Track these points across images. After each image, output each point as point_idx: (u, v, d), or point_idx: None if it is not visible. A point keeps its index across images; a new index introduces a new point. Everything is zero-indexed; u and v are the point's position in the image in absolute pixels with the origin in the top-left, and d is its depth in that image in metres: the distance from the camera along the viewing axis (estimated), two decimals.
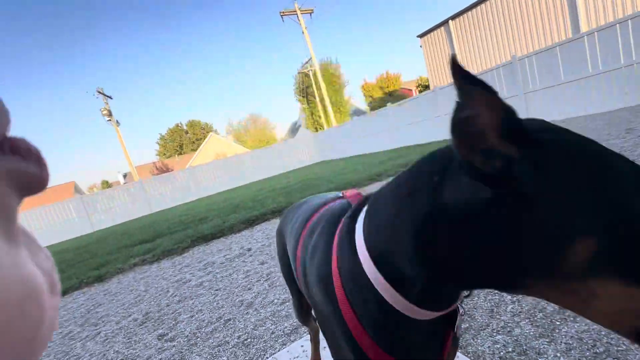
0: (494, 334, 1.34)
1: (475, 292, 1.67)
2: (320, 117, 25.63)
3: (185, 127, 46.99)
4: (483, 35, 14.95)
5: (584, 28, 11.42)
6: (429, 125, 10.67)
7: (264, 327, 1.92)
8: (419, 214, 0.41)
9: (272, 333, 1.83)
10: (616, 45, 6.20)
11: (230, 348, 1.81)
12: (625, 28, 6.03)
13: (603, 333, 1.18)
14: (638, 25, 5.87)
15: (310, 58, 21.08)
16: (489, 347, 1.28)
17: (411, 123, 11.37)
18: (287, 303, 2.13)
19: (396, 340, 0.49)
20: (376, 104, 29.01)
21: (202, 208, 9.04)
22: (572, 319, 1.30)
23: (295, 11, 19.64)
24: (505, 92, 8.25)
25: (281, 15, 19.75)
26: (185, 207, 11.75)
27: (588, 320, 0.48)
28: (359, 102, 33.56)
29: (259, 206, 6.22)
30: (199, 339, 2.00)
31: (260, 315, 2.08)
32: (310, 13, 20.24)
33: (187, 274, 3.45)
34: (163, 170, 31.24)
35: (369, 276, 0.47)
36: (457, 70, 0.34)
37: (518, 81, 7.88)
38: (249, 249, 3.73)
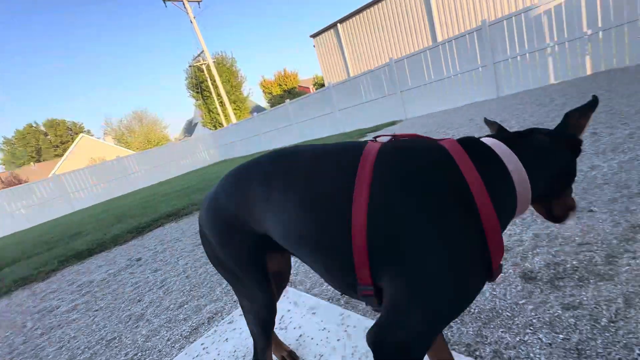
0: None
1: None
2: (218, 114, 24.22)
3: (43, 128, 37.78)
4: (366, 39, 16.66)
5: (439, 38, 13.94)
6: (327, 119, 11.33)
7: (157, 337, 1.72)
8: (559, 160, 0.71)
9: (168, 340, 1.66)
10: (466, 51, 7.78)
11: None
12: (471, 38, 7.62)
13: None
14: (481, 35, 7.49)
15: (202, 51, 19.65)
16: None
17: (310, 118, 11.86)
18: (186, 306, 1.97)
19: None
20: (276, 101, 29.14)
21: (75, 223, 7.48)
22: None
23: None
24: (386, 91, 9.41)
25: (163, 0, 17.75)
26: (50, 225, 9.49)
27: None
28: (259, 99, 33.16)
29: (151, 212, 5.52)
30: None
31: (152, 326, 1.85)
32: (198, 2, 18.80)
33: (53, 300, 2.81)
34: (12, 182, 24.42)
35: (519, 189, 0.64)
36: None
37: (395, 81, 9.09)
38: (139, 259, 3.27)
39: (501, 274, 1.34)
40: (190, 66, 23.85)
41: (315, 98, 11.43)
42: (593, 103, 0.71)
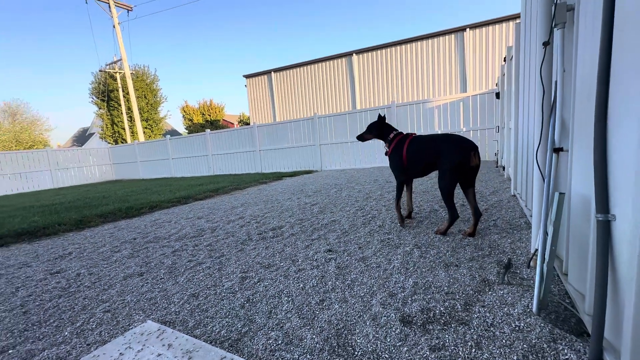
0: None
1: None
2: (124, 129, 21.50)
3: None
4: (296, 92, 17.88)
5: (358, 106, 15.94)
6: (247, 157, 11.20)
7: None
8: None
9: None
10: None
11: None
12: (382, 113, 8.87)
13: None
14: (390, 112, 8.78)
15: (121, 58, 17.90)
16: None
17: (229, 152, 11.55)
18: (10, 351, 1.48)
19: None
20: (195, 129, 27.71)
21: None
22: None
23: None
24: (307, 141, 9.99)
25: None
26: None
27: None
28: (177, 123, 30.95)
29: None
30: None
31: None
32: (129, 10, 17.60)
33: None
34: None
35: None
36: None
37: (316, 134, 9.79)
38: None
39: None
40: (100, 70, 21.21)
41: (239, 133, 11.32)
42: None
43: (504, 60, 4.76)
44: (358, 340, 1.31)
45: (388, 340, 1.30)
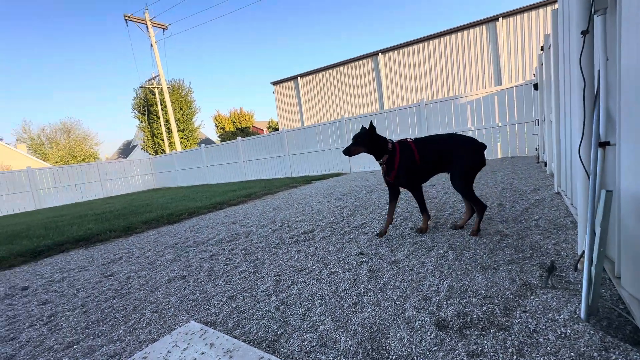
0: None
1: None
2: (163, 140, 22.93)
3: None
4: (323, 95, 18.02)
5: (386, 106, 15.71)
6: (277, 162, 11.46)
7: None
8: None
9: None
10: (407, 122, 8.80)
11: None
12: (411, 111, 8.71)
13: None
14: (419, 111, 8.59)
15: (158, 74, 19.13)
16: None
17: (260, 158, 11.89)
18: (75, 346, 1.65)
19: None
20: (227, 137, 28.81)
21: None
22: None
23: (145, 21, 17.77)
24: (335, 143, 10.03)
25: (125, 19, 17.38)
26: None
27: None
28: (210, 132, 32.43)
29: (55, 234, 4.73)
30: None
31: None
32: (164, 29, 18.79)
33: None
34: None
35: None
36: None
37: (345, 136, 9.78)
38: (25, 288, 2.71)
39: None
40: (141, 87, 22.82)
41: (268, 139, 11.62)
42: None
43: (542, 49, 4.48)
44: (392, 344, 1.31)
45: (423, 344, 1.28)
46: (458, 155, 2.41)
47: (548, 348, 1.16)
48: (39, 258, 3.73)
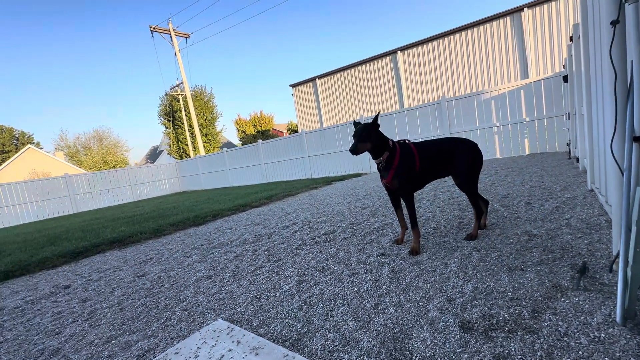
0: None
1: None
2: (187, 145, 23.78)
3: None
4: (341, 96, 18.01)
5: (406, 104, 15.46)
6: (297, 163, 11.58)
7: None
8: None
9: None
10: (427, 120, 8.64)
11: None
12: (432, 109, 8.54)
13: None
14: (440, 108, 8.41)
15: (182, 82, 19.87)
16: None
17: (280, 160, 12.06)
18: (113, 341, 1.76)
19: None
20: (248, 140, 29.41)
21: None
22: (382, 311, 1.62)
23: (169, 31, 18.51)
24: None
25: (151, 30, 18.18)
26: None
27: None
28: (232, 136, 33.27)
29: (92, 236, 5.04)
30: None
31: None
32: (187, 38, 19.49)
33: None
34: None
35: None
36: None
37: None
38: (67, 286, 2.92)
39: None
40: (166, 94, 23.78)
41: (288, 141, 11.77)
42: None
43: (571, 40, 4.27)
44: (415, 345, 1.31)
45: (447, 346, 1.27)
46: (461, 156, 2.38)
47: (580, 352, 1.12)
48: (78, 259, 3.99)
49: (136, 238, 4.61)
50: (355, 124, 2.36)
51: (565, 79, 5.34)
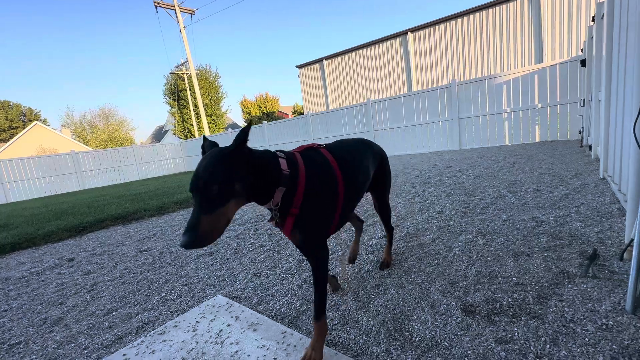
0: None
1: None
2: (192, 125, 23.68)
3: None
4: (348, 78, 17.62)
5: (414, 88, 15.10)
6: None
7: (73, 344, 1.52)
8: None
9: (85, 348, 1.47)
10: (437, 104, 8.44)
11: None
12: (441, 93, 8.32)
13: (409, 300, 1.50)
14: (450, 92, 8.19)
15: (187, 60, 19.55)
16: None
17: (285, 142, 11.96)
18: (114, 313, 1.78)
19: None
20: (253, 122, 29.18)
21: (3, 214, 6.65)
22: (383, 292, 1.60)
23: (174, 6, 18.05)
24: (359, 128, 9.84)
25: (155, 5, 17.73)
26: None
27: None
28: (237, 117, 33.00)
29: (96, 212, 5.08)
30: None
31: (70, 332, 1.64)
32: (192, 14, 19.00)
33: None
34: None
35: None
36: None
37: (370, 120, 9.56)
38: (71, 259, 2.95)
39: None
40: (171, 73, 23.48)
41: (293, 123, 11.63)
42: None
43: (593, 20, 4.05)
44: (415, 327, 1.29)
45: (448, 328, 1.25)
46: (387, 167, 1.75)
47: (586, 339, 1.09)
48: (83, 233, 4.04)
49: (140, 215, 4.64)
50: (205, 145, 1.09)
51: (583, 63, 5.11)
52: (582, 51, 5.97)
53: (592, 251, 1.65)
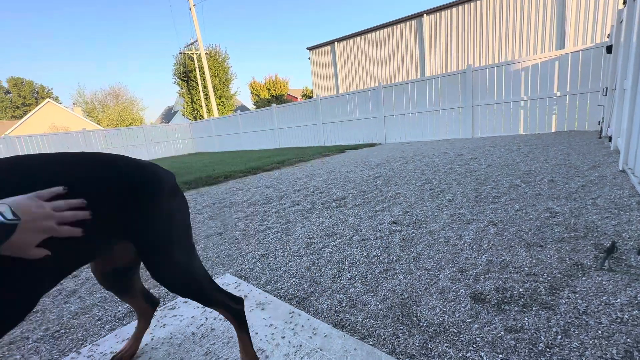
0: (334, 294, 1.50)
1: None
2: (201, 106, 23.63)
3: (5, 85, 34.86)
4: (360, 61, 17.21)
5: (428, 73, 14.70)
6: (310, 130, 11.39)
7: (87, 315, 1.57)
8: None
9: (99, 320, 1.52)
10: (450, 90, 8.21)
11: (31, 344, 1.39)
12: (455, 79, 8.07)
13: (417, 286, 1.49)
14: (465, 78, 7.95)
15: (197, 40, 19.29)
16: (327, 304, 1.42)
17: (293, 126, 11.87)
18: None
19: None
20: (262, 104, 28.98)
21: None
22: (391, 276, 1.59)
23: None
24: (370, 113, 9.67)
25: None
26: None
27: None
28: (246, 99, 32.75)
29: None
30: None
31: (84, 303, 1.69)
32: None
33: None
34: None
35: None
36: None
37: (380, 105, 9.38)
38: None
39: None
40: (180, 53, 23.26)
41: (302, 107, 11.50)
42: None
43: (624, 3, 3.81)
44: (423, 312, 1.28)
45: (457, 315, 1.24)
46: (151, 209, 0.87)
47: (600, 332, 1.07)
48: None
49: None
50: None
51: (609, 49, 4.86)
52: (608, 37, 5.68)
53: (610, 244, 1.61)
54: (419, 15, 14.49)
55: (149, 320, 1.24)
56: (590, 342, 1.03)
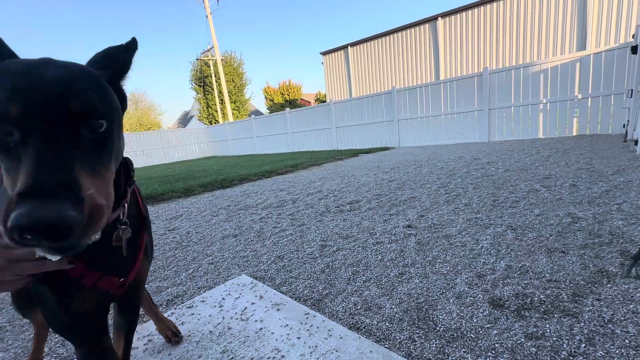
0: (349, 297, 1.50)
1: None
2: (217, 111, 24.13)
3: None
4: (373, 65, 17.20)
5: (442, 76, 14.53)
6: (324, 134, 11.44)
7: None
8: None
9: None
10: (466, 94, 8.09)
11: None
12: (471, 82, 7.96)
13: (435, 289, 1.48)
14: (481, 81, 7.83)
15: (213, 46, 19.77)
16: (342, 307, 1.42)
17: (307, 130, 11.95)
18: (145, 286, 1.87)
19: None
20: (276, 109, 29.30)
21: None
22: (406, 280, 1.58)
23: None
24: (384, 117, 9.63)
25: None
26: None
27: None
28: (260, 104, 33.24)
29: None
30: None
31: None
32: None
33: None
34: None
35: None
36: None
37: (394, 109, 9.33)
38: None
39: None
40: (197, 59, 23.88)
41: (316, 111, 11.57)
42: None
43: None
44: (440, 317, 1.27)
45: (475, 320, 1.22)
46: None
47: (626, 341, 1.03)
48: None
49: (167, 196, 4.82)
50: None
51: (634, 49, 4.70)
52: (633, 37, 5.49)
53: (638, 251, 1.55)
54: (434, 18, 14.39)
55: (42, 342, 1.16)
56: (617, 351, 0.99)
